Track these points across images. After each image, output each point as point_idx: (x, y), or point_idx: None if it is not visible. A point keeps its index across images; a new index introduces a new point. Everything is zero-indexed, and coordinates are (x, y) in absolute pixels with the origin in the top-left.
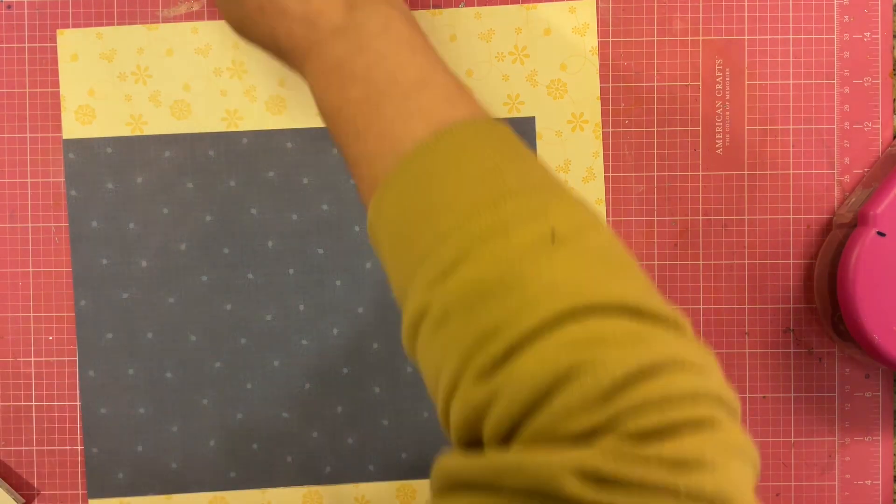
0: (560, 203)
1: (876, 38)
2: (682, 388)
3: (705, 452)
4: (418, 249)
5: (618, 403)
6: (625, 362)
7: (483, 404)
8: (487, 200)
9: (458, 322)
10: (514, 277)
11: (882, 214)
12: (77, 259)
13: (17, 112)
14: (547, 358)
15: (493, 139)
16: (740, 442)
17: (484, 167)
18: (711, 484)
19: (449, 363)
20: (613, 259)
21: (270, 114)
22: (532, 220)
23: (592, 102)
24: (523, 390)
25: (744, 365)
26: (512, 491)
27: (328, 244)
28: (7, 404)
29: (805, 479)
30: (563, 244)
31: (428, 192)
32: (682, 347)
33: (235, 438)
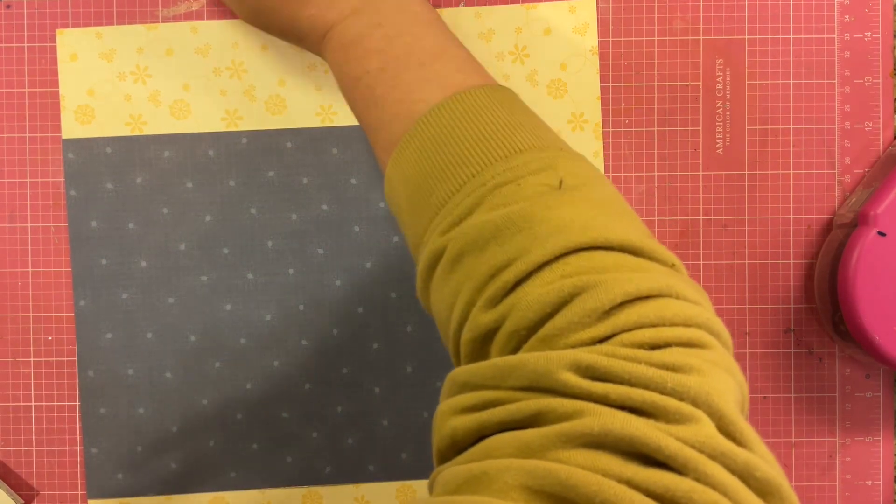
0: (567, 158)
1: (876, 38)
2: (676, 313)
3: (691, 361)
4: (435, 199)
5: (615, 321)
6: (624, 286)
7: (492, 326)
8: (500, 154)
9: (471, 260)
10: (524, 219)
11: (883, 214)
12: (76, 259)
13: (16, 112)
14: (553, 283)
15: (505, 102)
16: (728, 362)
17: (496, 126)
18: (697, 385)
19: (462, 296)
20: (616, 207)
21: (270, 114)
22: (541, 171)
23: (592, 102)
24: (531, 310)
25: (744, 365)
26: (512, 387)
27: (328, 244)
28: (6, 404)
29: (805, 480)
30: (570, 191)
31: (444, 148)
32: (678, 281)
33: (235, 438)
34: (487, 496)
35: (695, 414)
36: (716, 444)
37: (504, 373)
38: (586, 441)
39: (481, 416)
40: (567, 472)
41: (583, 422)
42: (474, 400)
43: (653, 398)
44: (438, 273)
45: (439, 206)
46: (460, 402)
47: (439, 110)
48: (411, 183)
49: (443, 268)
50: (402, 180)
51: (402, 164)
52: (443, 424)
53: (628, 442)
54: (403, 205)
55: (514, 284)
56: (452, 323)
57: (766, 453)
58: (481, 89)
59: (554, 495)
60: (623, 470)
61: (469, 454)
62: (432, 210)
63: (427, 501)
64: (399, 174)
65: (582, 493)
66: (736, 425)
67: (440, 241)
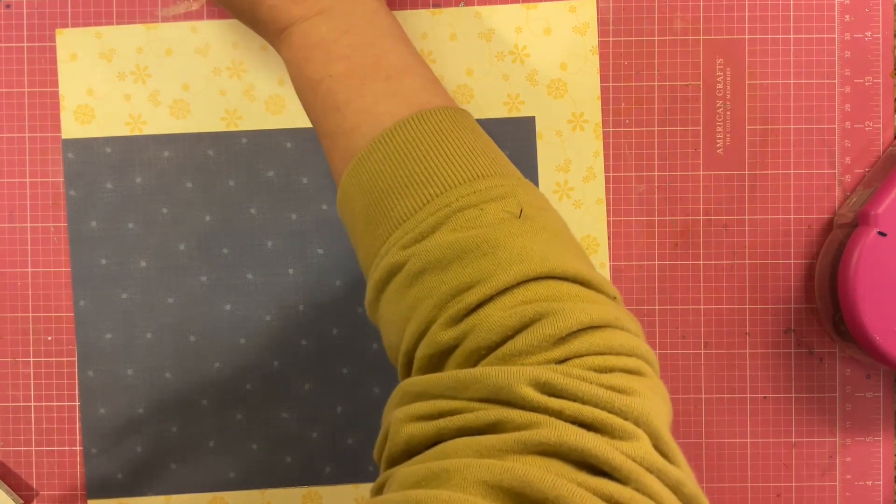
0: (524, 187)
1: (877, 38)
2: (620, 343)
3: (634, 386)
4: (396, 213)
5: (570, 346)
6: (579, 316)
7: (452, 344)
8: (464, 177)
9: (433, 277)
10: (488, 244)
11: (883, 214)
12: (76, 259)
13: (15, 112)
14: (515, 307)
15: (467, 126)
16: (661, 389)
17: (461, 149)
18: (639, 407)
19: (421, 312)
20: (566, 238)
21: (270, 113)
22: (503, 199)
23: (593, 102)
24: (493, 331)
25: (744, 365)
26: (471, 398)
27: (328, 244)
28: (6, 405)
29: (806, 480)
30: (529, 221)
31: (408, 163)
32: (621, 314)
33: (235, 439)
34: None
35: (636, 432)
36: (653, 460)
37: (464, 384)
38: (542, 449)
39: (439, 424)
40: (524, 470)
41: (539, 432)
42: (431, 408)
43: (601, 416)
44: (394, 286)
45: (400, 220)
46: (416, 409)
47: (404, 126)
48: (371, 194)
49: (401, 282)
50: (360, 190)
51: (361, 174)
52: (398, 431)
53: (579, 453)
54: (360, 215)
55: (476, 305)
56: (407, 337)
57: (690, 472)
58: (446, 111)
59: (511, 490)
60: (574, 475)
61: (425, 456)
62: (392, 223)
63: (385, 499)
64: (357, 184)
65: (538, 488)
66: (669, 445)
67: (401, 255)
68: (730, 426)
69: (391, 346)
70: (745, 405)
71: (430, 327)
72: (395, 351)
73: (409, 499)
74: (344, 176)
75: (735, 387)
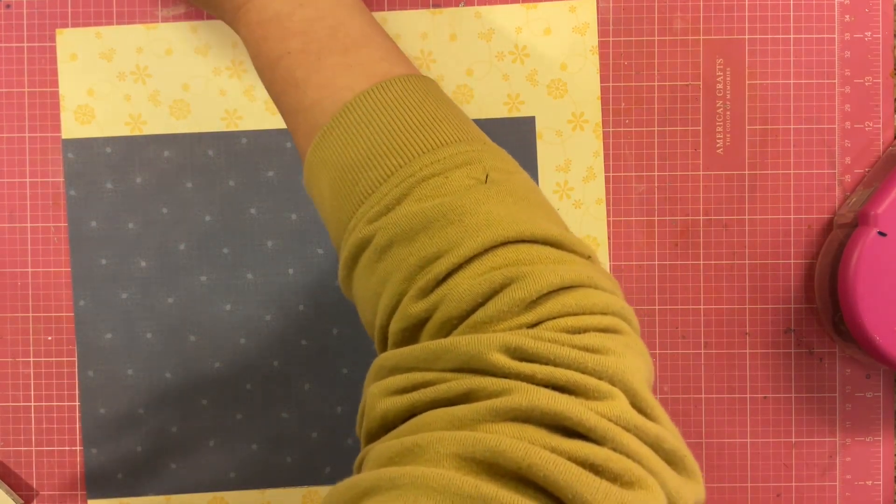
0: (490, 152)
1: (877, 38)
2: (594, 303)
3: (608, 345)
4: (361, 188)
5: (541, 310)
6: (549, 277)
7: (423, 316)
8: (427, 146)
9: (401, 249)
10: (454, 212)
11: (883, 214)
12: (76, 259)
13: (16, 112)
14: (484, 274)
15: (429, 94)
16: (639, 345)
17: (422, 117)
18: (614, 365)
19: (391, 285)
20: (536, 200)
21: (270, 113)
22: (468, 165)
23: (593, 102)
24: (463, 300)
25: (744, 365)
26: (444, 368)
27: (328, 244)
28: (6, 405)
29: (806, 480)
30: (496, 185)
31: (369, 136)
32: (595, 272)
33: (235, 439)
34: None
35: (612, 391)
36: (629, 417)
37: (436, 355)
38: (514, 415)
39: (413, 397)
40: (496, 440)
41: (511, 398)
42: (405, 382)
43: (574, 377)
44: (364, 261)
45: (365, 194)
46: (391, 383)
47: (365, 98)
48: (335, 170)
49: (369, 256)
50: (325, 166)
51: (324, 150)
52: (374, 406)
53: (552, 416)
54: (325, 192)
55: (446, 275)
56: (379, 311)
57: (672, 427)
58: (407, 79)
59: (484, 462)
60: (548, 440)
61: (399, 430)
62: (357, 198)
63: (360, 477)
64: (321, 160)
65: (510, 457)
66: (647, 402)
67: (367, 229)
68: (730, 426)
69: (367, 322)
70: (745, 405)
71: (402, 300)
72: (371, 327)
73: (383, 476)
74: (308, 153)
75: (735, 387)
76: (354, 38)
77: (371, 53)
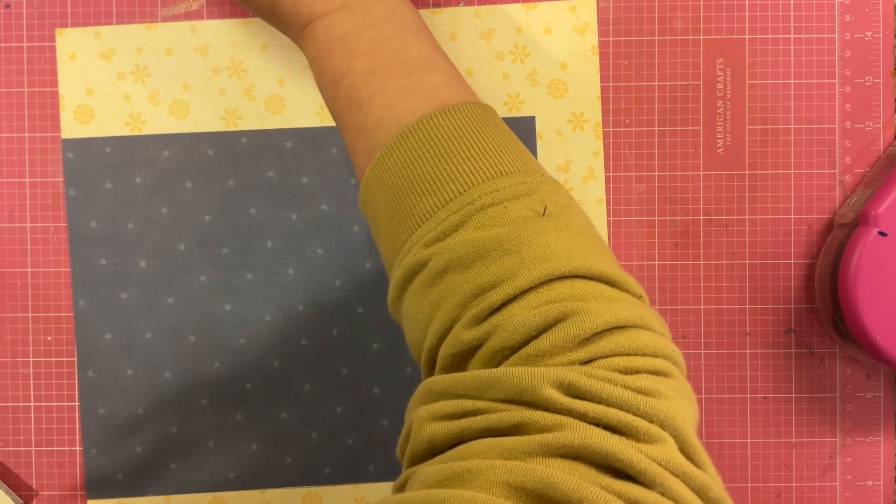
0: (548, 185)
1: (877, 38)
2: (646, 344)
3: (660, 388)
4: (419, 210)
5: (595, 347)
6: (604, 316)
7: (475, 344)
8: (487, 175)
9: (456, 276)
10: (511, 242)
11: (883, 214)
12: (76, 259)
13: (15, 112)
14: (539, 307)
15: (490, 122)
16: (688, 390)
17: (484, 146)
18: (665, 409)
19: (444, 310)
20: (591, 236)
21: (270, 113)
22: (527, 196)
23: (593, 102)
24: (517, 331)
25: (745, 365)
26: (494, 398)
27: (328, 244)
28: (6, 405)
29: (806, 480)
30: (553, 219)
31: (431, 160)
32: (647, 313)
33: (235, 439)
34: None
35: (662, 435)
36: (678, 463)
37: (487, 384)
38: (565, 451)
39: (462, 424)
40: (548, 472)
41: (564, 434)
42: (454, 408)
43: (626, 419)
44: (417, 284)
45: (423, 217)
46: (440, 409)
47: (428, 121)
48: (393, 190)
49: (423, 280)
50: (383, 187)
51: (384, 170)
52: (421, 429)
53: (604, 456)
54: (382, 211)
55: (500, 305)
56: (430, 336)
57: (716, 475)
58: (469, 106)
59: (534, 492)
60: (598, 479)
61: (447, 455)
62: (415, 221)
63: (409, 496)
64: (380, 180)
65: (561, 490)
66: (695, 449)
67: (423, 253)
68: (730, 426)
69: (414, 343)
70: (745, 405)
71: (454, 326)
72: (419, 349)
73: (432, 497)
74: (367, 172)
75: (735, 387)
76: (419, 62)
77: (434, 78)
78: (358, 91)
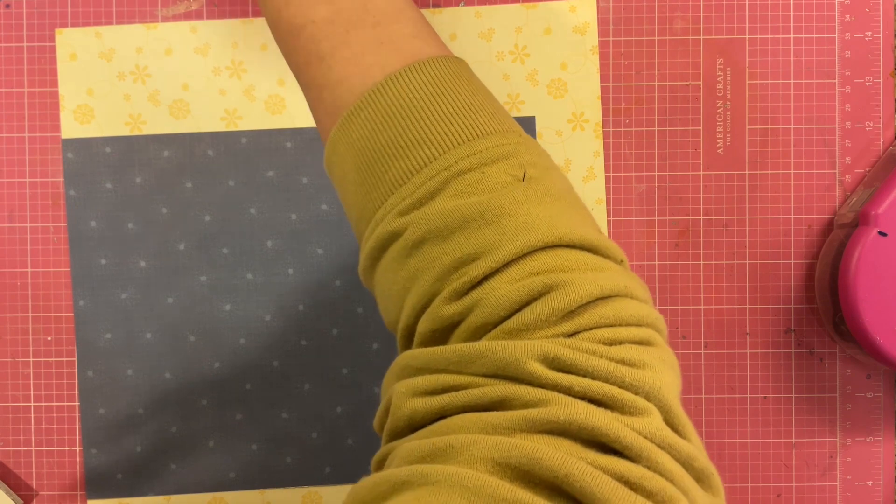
0: (526, 145)
1: (877, 38)
2: (630, 314)
3: (644, 358)
4: (391, 176)
5: (579, 320)
6: (588, 287)
7: (456, 318)
8: (463, 136)
9: (434, 247)
10: (491, 212)
11: (883, 214)
12: (76, 259)
13: (15, 112)
14: (522, 280)
15: (464, 78)
16: (672, 359)
17: (458, 104)
18: (650, 380)
19: (421, 284)
20: (571, 199)
21: (270, 113)
22: (504, 159)
23: (593, 102)
24: (499, 306)
25: (745, 365)
26: (476, 373)
27: (328, 244)
28: (6, 405)
29: (806, 480)
30: (534, 184)
31: (402, 121)
32: (629, 280)
33: (234, 439)
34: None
35: (647, 407)
36: (664, 435)
37: (469, 358)
38: (550, 427)
39: (444, 399)
40: (533, 447)
41: (548, 409)
42: (435, 383)
43: (612, 391)
44: (392, 255)
45: (395, 183)
46: (420, 384)
47: (397, 79)
48: (363, 154)
49: (398, 251)
50: (352, 150)
51: (351, 132)
52: (401, 404)
53: (589, 431)
54: (350, 175)
55: (482, 278)
56: (406, 309)
57: (700, 445)
58: (441, 61)
59: (519, 468)
60: (584, 454)
61: (429, 430)
62: (386, 187)
63: (390, 472)
64: (347, 141)
65: (547, 466)
66: (679, 418)
67: (398, 222)
68: (730, 426)
69: (389, 316)
70: (745, 405)
71: (433, 301)
72: (394, 322)
73: (415, 473)
74: (332, 133)
75: (735, 387)
76: (385, 11)
77: (402, 29)
78: (319, 43)
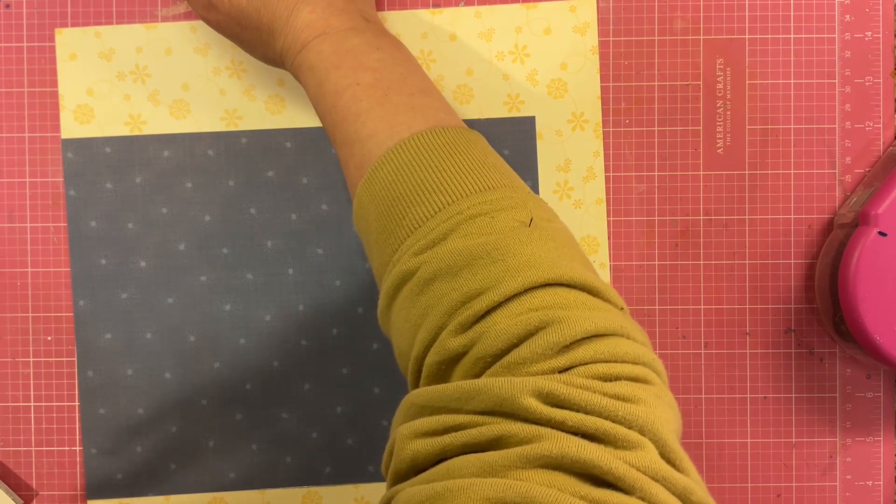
0: (533, 200)
1: (877, 38)
2: (626, 351)
3: (639, 394)
4: (408, 221)
5: (574, 354)
6: (584, 324)
7: (460, 351)
8: (476, 188)
9: (444, 284)
10: (498, 250)
11: (883, 214)
12: (76, 259)
13: (15, 111)
14: (521, 315)
15: (479, 144)
16: (669, 397)
17: (473, 163)
18: (644, 415)
19: (431, 319)
20: (574, 249)
21: (270, 113)
22: (514, 209)
23: (593, 102)
24: (499, 339)
25: (745, 365)
26: (475, 410)
27: (328, 244)
28: (6, 405)
29: (806, 480)
30: (538, 229)
31: (421, 173)
32: (627, 323)
33: (234, 439)
34: None
35: (641, 441)
36: (658, 468)
37: (468, 395)
38: (545, 462)
39: (444, 440)
40: (526, 486)
41: (542, 445)
42: (435, 424)
43: (605, 426)
44: (406, 293)
45: (412, 228)
46: (421, 426)
47: (421, 137)
48: (384, 203)
49: (412, 289)
50: (374, 200)
51: (375, 184)
52: (403, 447)
53: (582, 465)
54: (373, 224)
55: (485, 312)
56: (417, 343)
57: (699, 480)
58: (461, 129)
59: None
60: (577, 488)
61: (429, 474)
62: (404, 231)
63: None
64: (371, 193)
65: (540, 503)
66: (676, 453)
67: (412, 262)
68: (730, 426)
69: (402, 353)
70: (745, 405)
71: (440, 334)
72: (406, 359)
73: None
74: (359, 187)
75: (735, 387)
76: (419, 87)
77: (433, 103)
78: (359, 102)
